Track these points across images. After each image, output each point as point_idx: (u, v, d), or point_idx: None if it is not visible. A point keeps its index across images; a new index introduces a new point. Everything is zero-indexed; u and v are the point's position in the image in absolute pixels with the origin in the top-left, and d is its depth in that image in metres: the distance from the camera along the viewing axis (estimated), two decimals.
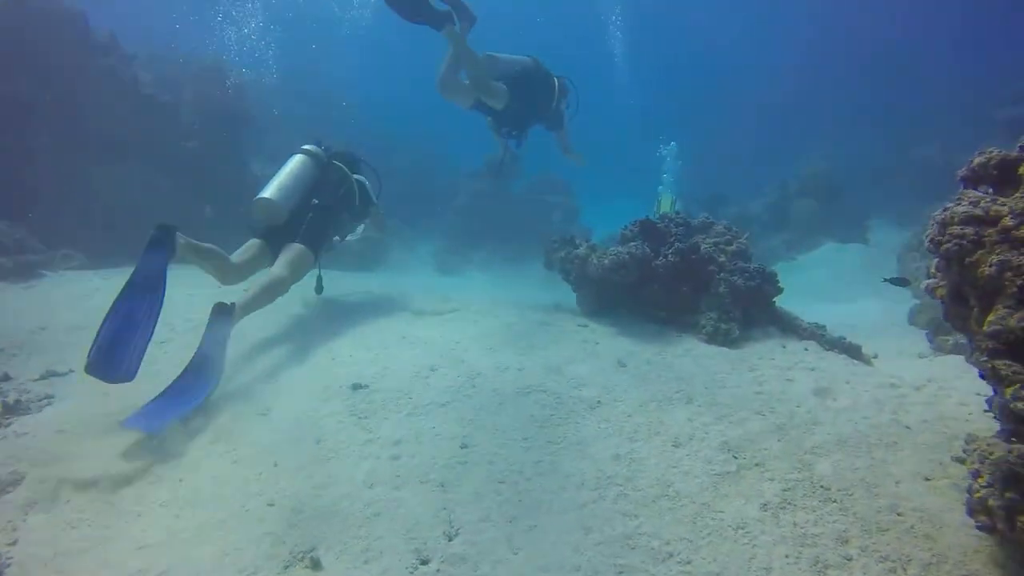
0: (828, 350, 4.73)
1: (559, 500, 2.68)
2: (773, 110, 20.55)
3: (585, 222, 14.13)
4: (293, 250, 4.73)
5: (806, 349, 4.70)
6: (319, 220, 4.94)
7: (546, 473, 2.88)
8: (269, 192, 4.76)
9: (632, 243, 4.96)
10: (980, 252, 2.29)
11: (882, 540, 2.42)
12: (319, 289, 5.25)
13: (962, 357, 5.23)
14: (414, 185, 13.99)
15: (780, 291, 5.14)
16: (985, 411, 2.66)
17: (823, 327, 4.96)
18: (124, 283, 3.50)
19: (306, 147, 5.21)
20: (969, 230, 2.35)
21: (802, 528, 2.50)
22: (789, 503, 2.66)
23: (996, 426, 3.39)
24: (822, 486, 2.76)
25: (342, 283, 7.52)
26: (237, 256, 4.62)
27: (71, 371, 3.96)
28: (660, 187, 11.90)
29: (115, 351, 3.23)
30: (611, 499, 2.70)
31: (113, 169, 8.33)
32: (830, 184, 12.16)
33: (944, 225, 2.50)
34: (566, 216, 13.18)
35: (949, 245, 2.38)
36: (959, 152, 10.89)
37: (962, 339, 5.15)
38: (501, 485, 2.79)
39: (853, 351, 4.67)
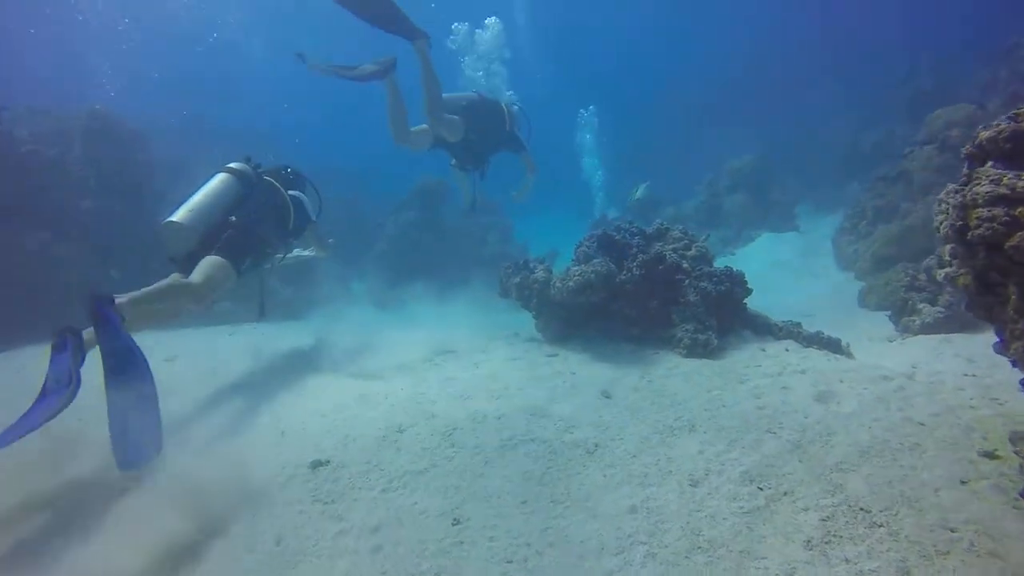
0: (807, 347, 4.56)
1: (580, 574, 2.27)
2: (694, 110, 21.09)
3: (520, 239, 13.86)
4: (207, 261, 4.20)
5: (787, 350, 4.51)
6: (237, 237, 4.44)
7: (557, 543, 2.46)
8: (176, 215, 4.26)
9: (595, 260, 4.64)
10: (1020, 234, 2.05)
11: (946, 565, 2.15)
12: (261, 314, 4.95)
13: (930, 337, 5.25)
14: (341, 220, 13.35)
15: (749, 292, 4.96)
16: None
17: (798, 324, 4.80)
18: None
19: (231, 165, 4.80)
20: (999, 211, 2.12)
21: (856, 564, 2.20)
22: (834, 535, 2.36)
23: (1003, 411, 3.28)
24: (862, 508, 2.48)
25: (277, 337, 6.90)
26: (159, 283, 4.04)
27: None
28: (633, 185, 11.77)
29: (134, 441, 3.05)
30: (639, 562, 2.32)
31: None
32: (757, 177, 12.43)
33: (965, 208, 2.26)
34: (501, 236, 12.85)
35: (981, 230, 2.13)
36: (865, 131, 11.35)
37: (928, 319, 5.13)
38: (509, 566, 2.35)
39: (833, 345, 4.51)
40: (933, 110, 13.75)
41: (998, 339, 2.40)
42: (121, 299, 3.44)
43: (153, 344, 6.41)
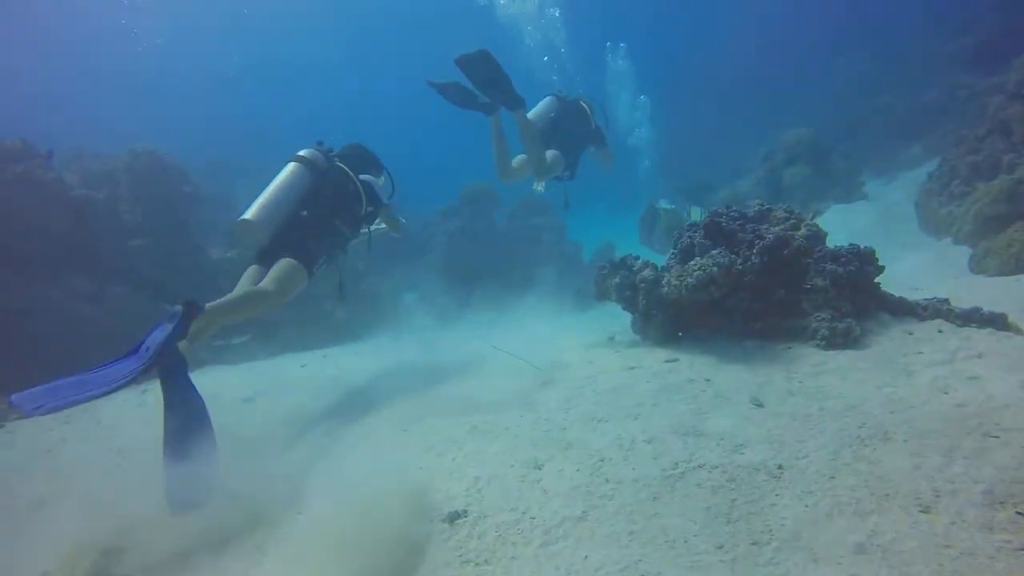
0: (963, 326, 4.00)
1: None
2: (736, 85, 20.29)
3: (572, 236, 13.38)
4: (279, 266, 4.29)
5: (940, 331, 3.96)
6: (308, 232, 4.52)
7: None
8: (248, 213, 4.36)
9: (713, 251, 4.15)
10: None
11: None
12: (341, 296, 5.08)
13: None
14: (389, 238, 13.09)
15: (881, 269, 4.41)
16: None
17: (944, 300, 4.23)
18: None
19: (301, 152, 4.76)
20: None
21: None
22: None
23: None
24: None
25: (351, 365, 6.57)
26: (238, 289, 4.20)
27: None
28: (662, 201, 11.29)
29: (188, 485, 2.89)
30: None
31: (51, 288, 7.16)
32: (816, 147, 11.70)
33: None
34: (555, 235, 12.39)
35: None
36: (919, 90, 10.60)
37: None
38: None
39: (997, 322, 3.93)
40: (1004, 57, 12.95)
41: None
42: (204, 311, 3.48)
43: (226, 383, 6.17)
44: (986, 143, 8.23)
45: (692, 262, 4.15)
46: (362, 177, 4.98)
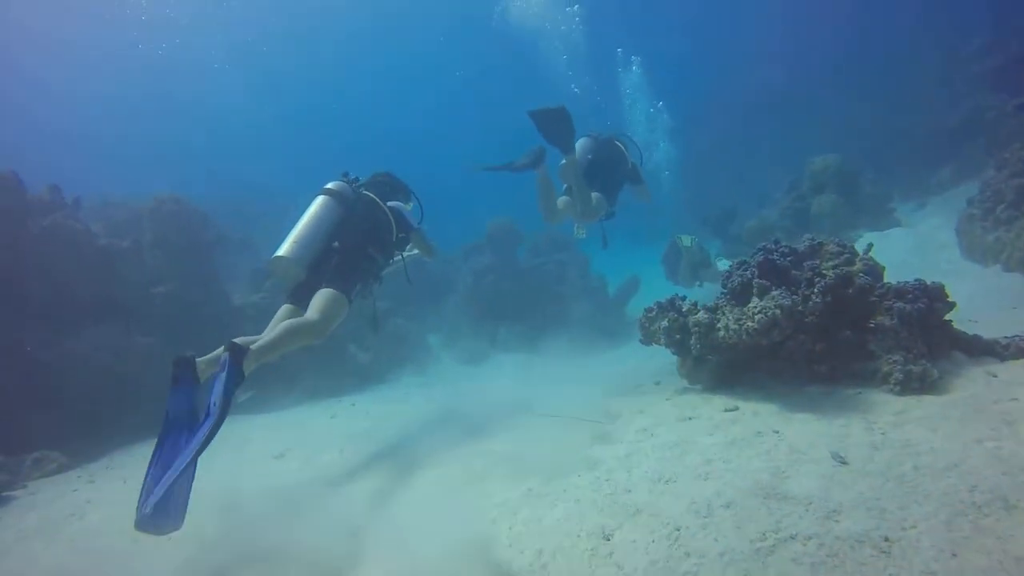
0: None
1: None
2: (759, 105, 20.16)
3: (594, 270, 13.16)
4: (320, 295, 4.34)
5: None
6: (344, 263, 4.57)
7: None
8: (282, 249, 4.46)
9: (774, 292, 3.90)
10: None
11: None
12: (375, 326, 5.18)
13: None
14: (416, 281, 13.02)
15: (952, 306, 4.13)
16: None
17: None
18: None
19: (329, 186, 4.89)
20: None
21: None
22: None
23: None
24: None
25: (382, 414, 6.34)
26: (277, 326, 4.16)
27: None
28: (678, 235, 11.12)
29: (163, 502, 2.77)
30: None
31: (77, 341, 7.05)
32: (843, 173, 11.47)
33: None
34: (580, 271, 12.18)
35: None
36: (941, 114, 10.36)
37: None
38: None
39: None
40: None
41: None
42: (249, 352, 3.49)
43: (251, 436, 5.95)
44: None
45: (751, 304, 3.90)
46: (390, 204, 5.05)
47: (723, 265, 11.64)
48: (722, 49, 28.69)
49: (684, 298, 4.82)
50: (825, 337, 3.97)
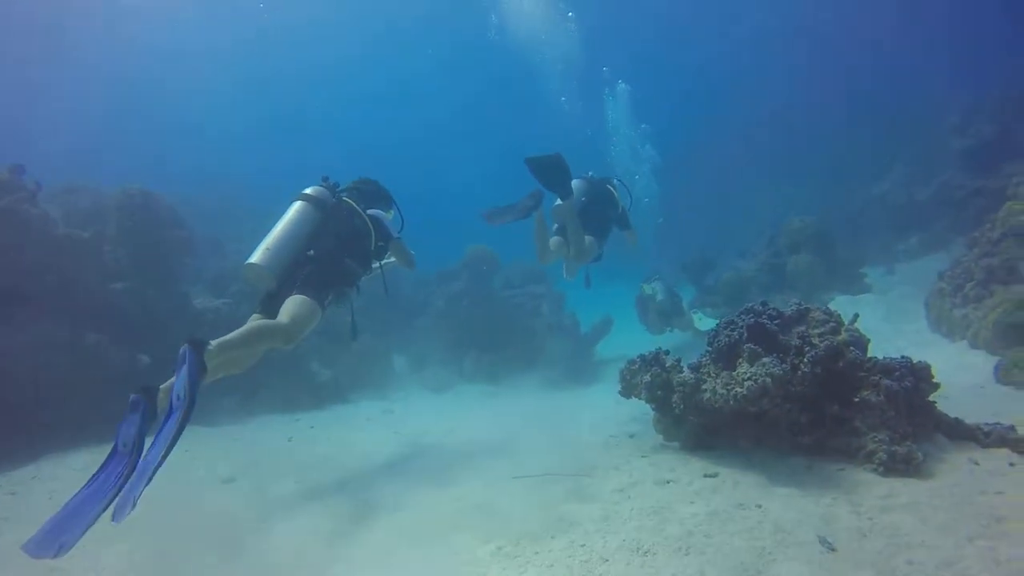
0: None
1: None
2: (739, 155, 20.59)
3: (568, 308, 13.05)
4: (292, 301, 4.19)
5: (1012, 464, 3.60)
6: (318, 272, 4.40)
7: None
8: (255, 256, 4.29)
9: (765, 360, 3.80)
10: None
11: None
12: (353, 334, 4.96)
13: None
14: (382, 296, 12.73)
15: (937, 387, 4.09)
16: None
17: (1011, 428, 3.90)
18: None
19: (307, 191, 4.71)
20: None
21: None
22: None
23: None
24: None
25: (344, 441, 6.03)
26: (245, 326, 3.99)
27: None
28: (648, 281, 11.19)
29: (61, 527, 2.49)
30: None
31: (19, 333, 6.58)
32: (820, 235, 11.67)
33: None
34: (554, 306, 12.07)
35: None
36: (918, 185, 10.67)
37: None
38: None
39: None
40: (996, 160, 13.25)
41: None
42: (211, 345, 3.34)
43: (203, 454, 5.58)
44: (1000, 247, 8.17)
45: (741, 370, 3.79)
46: (370, 212, 4.91)
47: (699, 319, 11.67)
48: (717, 92, 29.32)
49: (667, 352, 4.70)
50: (812, 408, 3.88)
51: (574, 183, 6.53)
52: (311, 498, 4.26)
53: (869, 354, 4.33)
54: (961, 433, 3.99)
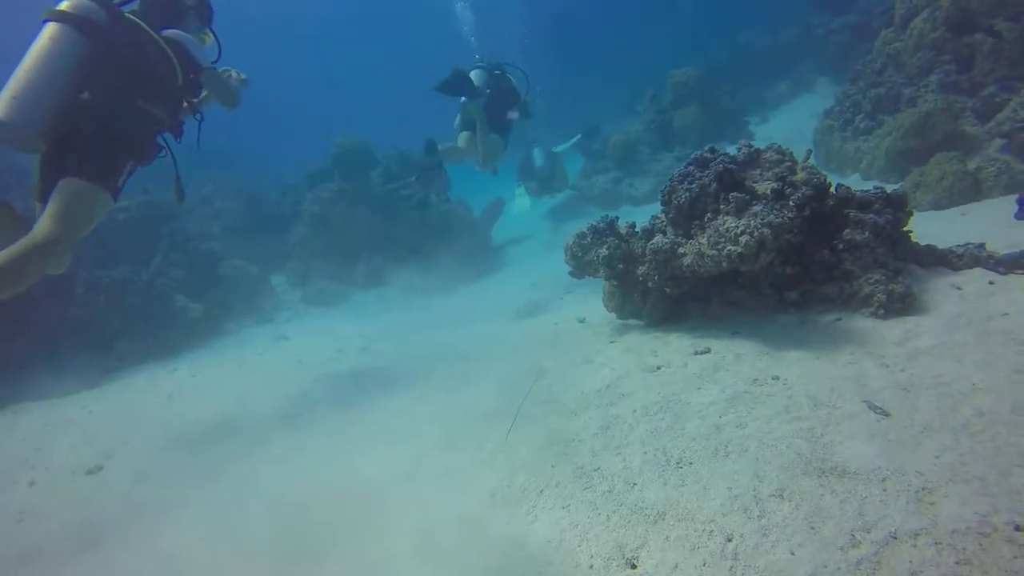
0: (1009, 273, 3.48)
1: None
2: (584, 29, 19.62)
3: (455, 195, 12.07)
4: (61, 193, 3.11)
5: (991, 283, 3.39)
6: (100, 131, 3.22)
7: None
8: None
9: (756, 208, 3.19)
10: None
11: None
12: (180, 195, 3.89)
13: None
14: (240, 213, 11.01)
15: (911, 215, 3.78)
16: None
17: (979, 246, 3.69)
18: None
19: (62, 6, 3.25)
20: None
21: None
22: None
23: None
24: None
25: (230, 388, 4.95)
26: None
27: None
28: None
29: None
30: None
31: None
32: (703, 87, 11.36)
33: None
34: (441, 194, 10.99)
35: None
36: (777, 30, 10.54)
37: None
38: None
39: None
40: None
41: None
42: None
43: (56, 436, 4.28)
44: (885, 76, 8.19)
45: (728, 223, 3.17)
46: (167, 33, 3.62)
47: (520, 194, 11.28)
48: None
49: (617, 218, 4.03)
50: (799, 259, 3.42)
51: (473, 74, 6.68)
52: (208, 480, 3.26)
53: None
54: (933, 259, 3.74)
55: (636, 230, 3.90)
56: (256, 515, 2.62)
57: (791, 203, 3.34)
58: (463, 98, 6.62)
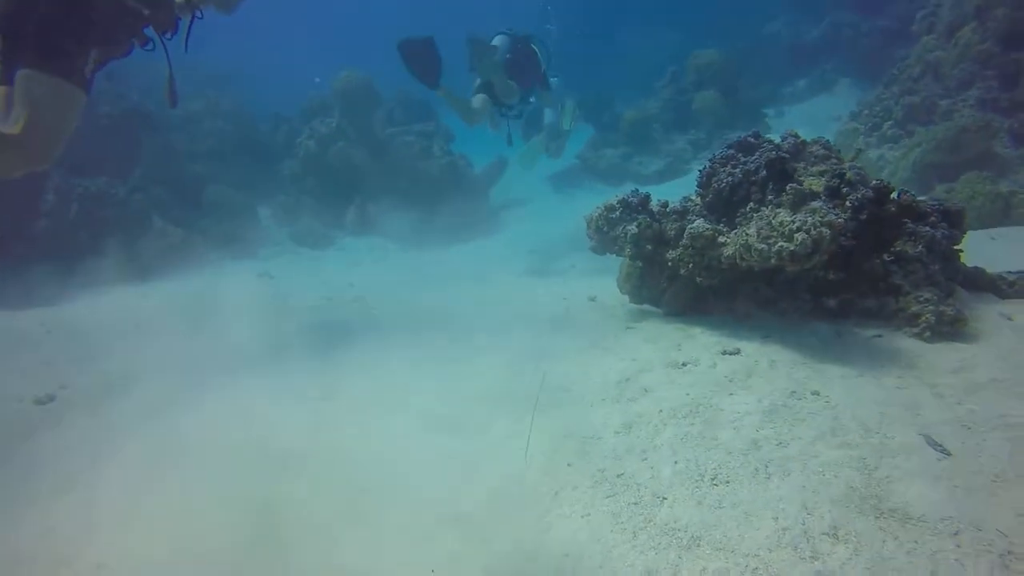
0: None
1: None
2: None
3: (457, 148, 11.58)
4: (18, 85, 2.63)
5: None
6: (56, 12, 2.64)
7: None
8: None
9: (814, 204, 2.88)
10: None
11: None
12: (172, 97, 3.26)
13: None
14: (228, 133, 10.37)
15: (965, 234, 3.51)
16: None
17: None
18: None
19: None
20: None
21: None
22: None
23: None
24: None
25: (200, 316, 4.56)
26: None
27: None
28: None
29: None
30: None
31: None
32: (726, 72, 10.94)
33: None
34: (443, 147, 10.48)
35: None
36: (804, 24, 10.18)
37: None
38: None
39: None
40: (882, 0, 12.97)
41: None
42: None
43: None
44: (921, 84, 7.88)
45: (780, 216, 2.85)
46: None
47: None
48: None
49: (649, 195, 3.70)
50: (845, 265, 3.13)
51: (498, 38, 6.64)
52: (154, 420, 2.92)
53: None
54: (980, 284, 3.49)
55: (668, 210, 3.58)
56: (208, 479, 2.31)
57: (847, 204, 3.04)
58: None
